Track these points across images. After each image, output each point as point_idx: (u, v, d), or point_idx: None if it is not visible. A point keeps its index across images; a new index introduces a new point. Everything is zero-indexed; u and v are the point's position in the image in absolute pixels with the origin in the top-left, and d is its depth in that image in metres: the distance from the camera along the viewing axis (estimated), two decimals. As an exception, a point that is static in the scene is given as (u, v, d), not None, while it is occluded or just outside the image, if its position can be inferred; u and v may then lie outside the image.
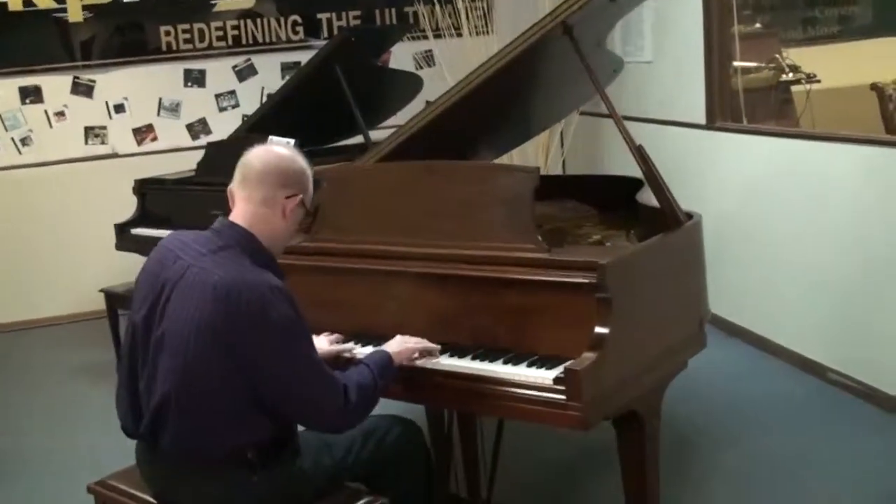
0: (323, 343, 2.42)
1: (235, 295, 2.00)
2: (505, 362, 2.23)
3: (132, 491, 2.31)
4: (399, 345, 2.30)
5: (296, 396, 2.07)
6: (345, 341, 2.49)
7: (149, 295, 2.13)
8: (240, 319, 2.00)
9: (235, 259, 2.08)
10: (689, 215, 2.65)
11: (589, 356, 2.10)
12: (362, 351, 2.43)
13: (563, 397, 2.08)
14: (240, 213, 2.18)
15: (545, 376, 2.14)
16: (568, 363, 2.11)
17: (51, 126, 5.86)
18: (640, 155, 2.60)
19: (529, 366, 2.20)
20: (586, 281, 2.18)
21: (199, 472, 2.12)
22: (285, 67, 6.11)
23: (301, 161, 2.23)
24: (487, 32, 5.83)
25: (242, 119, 5.78)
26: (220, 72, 6.07)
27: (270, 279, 2.06)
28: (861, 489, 3.18)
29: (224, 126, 5.82)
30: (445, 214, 2.48)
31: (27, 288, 5.87)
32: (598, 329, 2.15)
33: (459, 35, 5.90)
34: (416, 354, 2.31)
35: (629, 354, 2.23)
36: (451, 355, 2.31)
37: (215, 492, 2.13)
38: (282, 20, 6.10)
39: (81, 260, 5.83)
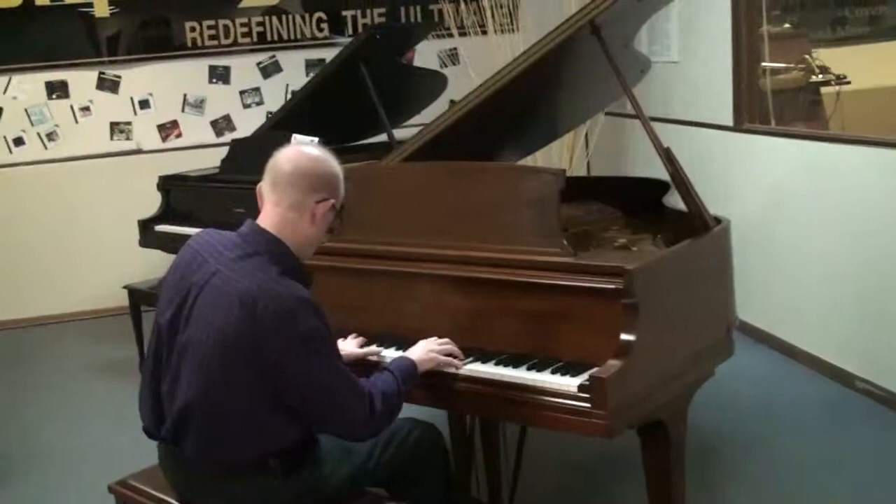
0: (349, 346, 2.41)
1: (262, 306, 1.98)
2: (529, 368, 2.20)
3: (154, 492, 2.30)
4: (423, 352, 2.27)
5: (322, 407, 2.06)
6: (368, 344, 2.47)
7: (175, 298, 2.12)
8: (266, 330, 1.98)
9: (262, 268, 2.05)
10: (718, 220, 2.61)
11: (614, 363, 2.07)
12: (387, 353, 2.41)
13: (587, 405, 2.05)
14: (268, 218, 2.14)
15: (570, 383, 2.11)
16: (593, 370, 2.08)
17: (76, 121, 5.89)
18: (668, 157, 2.56)
19: (553, 372, 2.17)
20: (612, 286, 2.15)
21: (221, 477, 2.12)
22: (310, 64, 6.10)
23: (333, 164, 2.18)
24: (513, 31, 5.79)
25: (267, 116, 5.77)
26: (244, 68, 6.07)
27: (297, 290, 2.03)
28: (887, 498, 3.13)
29: (248, 123, 5.82)
30: (470, 216, 2.46)
31: (50, 282, 5.89)
32: (624, 336, 2.11)
33: (484, 33, 5.86)
34: (441, 364, 2.28)
35: (656, 362, 2.19)
36: (475, 360, 2.29)
37: (238, 497, 2.12)
38: (307, 17, 6.09)
39: (105, 256, 5.84)
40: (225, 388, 2.02)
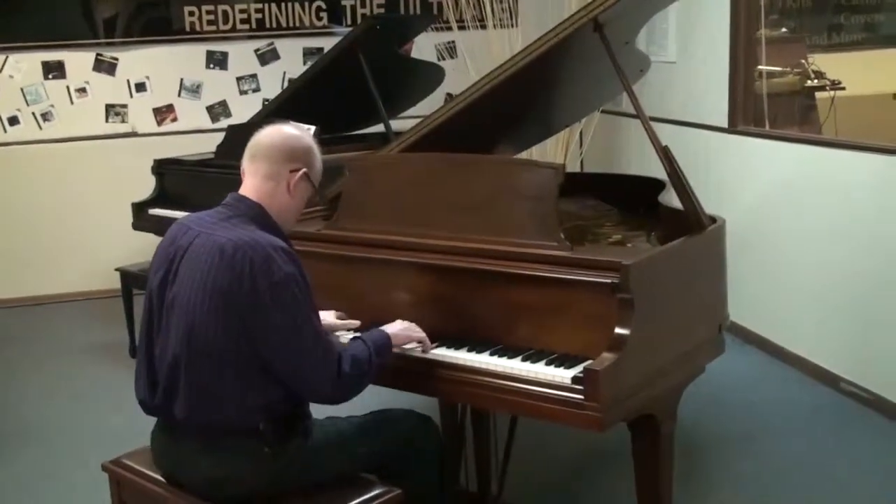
0: (329, 316, 2.47)
1: (241, 254, 2.08)
2: (523, 359, 2.23)
3: (147, 471, 2.32)
4: (398, 327, 2.34)
5: (289, 357, 2.11)
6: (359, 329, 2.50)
7: (163, 264, 2.21)
8: (242, 274, 2.07)
9: (242, 225, 2.17)
10: (713, 219, 2.64)
11: (608, 357, 2.10)
12: None
13: (580, 397, 2.07)
14: (248, 187, 2.27)
15: (563, 375, 2.13)
16: (587, 363, 2.10)
17: (72, 102, 5.87)
18: (666, 156, 2.58)
19: (548, 364, 2.19)
20: (608, 281, 2.17)
21: (213, 444, 2.15)
22: (307, 53, 6.11)
23: (307, 139, 2.32)
24: (512, 25, 5.81)
25: (263, 103, 5.77)
26: (242, 55, 6.06)
27: (276, 240, 2.14)
28: (873, 500, 3.17)
29: (244, 109, 5.83)
30: (468, 208, 2.47)
31: (42, 263, 5.89)
32: (619, 330, 2.14)
33: (483, 27, 5.88)
34: (415, 342, 2.34)
35: (649, 356, 2.22)
36: (469, 350, 2.31)
37: (228, 464, 2.15)
38: (306, 5, 6.09)
39: (98, 238, 5.84)
40: (207, 338, 2.09)
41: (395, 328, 2.33)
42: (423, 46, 5.99)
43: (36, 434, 3.94)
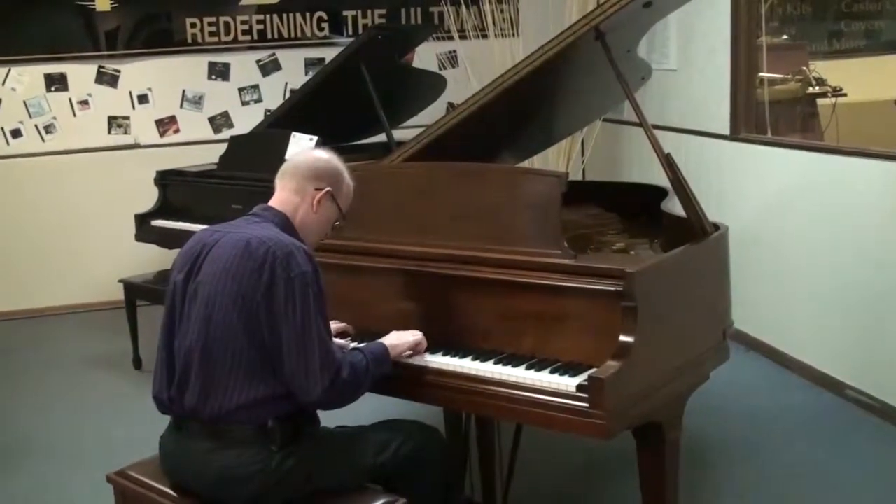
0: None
1: (265, 248, 2.17)
2: (528, 368, 2.22)
3: (152, 483, 2.31)
4: (395, 339, 2.37)
5: (291, 351, 2.14)
6: (364, 338, 2.50)
7: (188, 262, 2.29)
8: (264, 267, 2.15)
9: (267, 227, 2.28)
10: (716, 226, 2.64)
11: (613, 364, 2.09)
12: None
13: (585, 405, 2.07)
14: (276, 200, 2.38)
15: (568, 383, 2.13)
16: (592, 371, 2.11)
17: (74, 114, 5.89)
18: (669, 163, 2.58)
19: (552, 372, 2.19)
20: (612, 289, 2.17)
21: (221, 442, 2.18)
22: (309, 63, 6.12)
23: (336, 162, 2.42)
24: (513, 35, 5.82)
25: (265, 114, 5.78)
26: (244, 66, 6.08)
27: (298, 242, 2.25)
28: (877, 507, 3.17)
29: (246, 120, 5.84)
30: (471, 217, 2.48)
31: (44, 275, 5.89)
32: (623, 337, 2.14)
33: (485, 36, 5.89)
34: (411, 350, 2.37)
35: (653, 364, 2.22)
36: (474, 359, 2.31)
37: (237, 463, 2.17)
38: (307, 16, 6.11)
39: (101, 249, 5.85)
40: (224, 326, 2.15)
41: (392, 339, 2.37)
42: (425, 56, 6.01)
43: (38, 446, 3.93)
